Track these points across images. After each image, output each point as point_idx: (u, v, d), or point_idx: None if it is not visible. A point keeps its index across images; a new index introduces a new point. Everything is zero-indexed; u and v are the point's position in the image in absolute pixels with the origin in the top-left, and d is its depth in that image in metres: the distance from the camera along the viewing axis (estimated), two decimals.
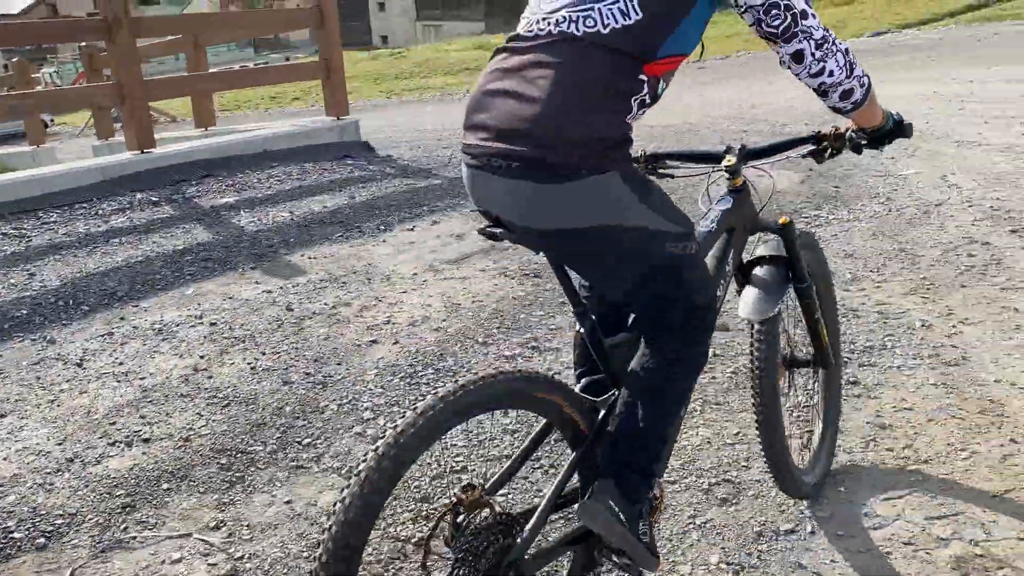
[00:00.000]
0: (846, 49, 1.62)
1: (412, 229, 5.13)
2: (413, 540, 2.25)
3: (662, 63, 1.53)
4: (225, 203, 5.77)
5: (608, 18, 1.48)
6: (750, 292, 2.07)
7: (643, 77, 1.51)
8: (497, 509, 1.54)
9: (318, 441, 2.86)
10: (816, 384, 2.51)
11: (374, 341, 3.59)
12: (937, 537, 2.20)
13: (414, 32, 49.88)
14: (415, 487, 2.55)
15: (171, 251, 4.86)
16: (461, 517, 1.50)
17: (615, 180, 1.50)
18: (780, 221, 2.11)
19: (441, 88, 23.57)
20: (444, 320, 3.78)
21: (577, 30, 1.50)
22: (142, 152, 6.40)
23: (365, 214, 5.45)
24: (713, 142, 7.42)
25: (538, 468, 2.59)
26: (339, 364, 3.39)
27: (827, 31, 1.58)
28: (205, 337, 3.71)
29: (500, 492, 1.63)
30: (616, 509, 1.62)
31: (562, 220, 1.51)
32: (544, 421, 1.67)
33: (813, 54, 1.57)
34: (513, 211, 1.56)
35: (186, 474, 2.70)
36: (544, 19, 1.55)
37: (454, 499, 1.50)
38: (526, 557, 1.58)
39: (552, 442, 2.24)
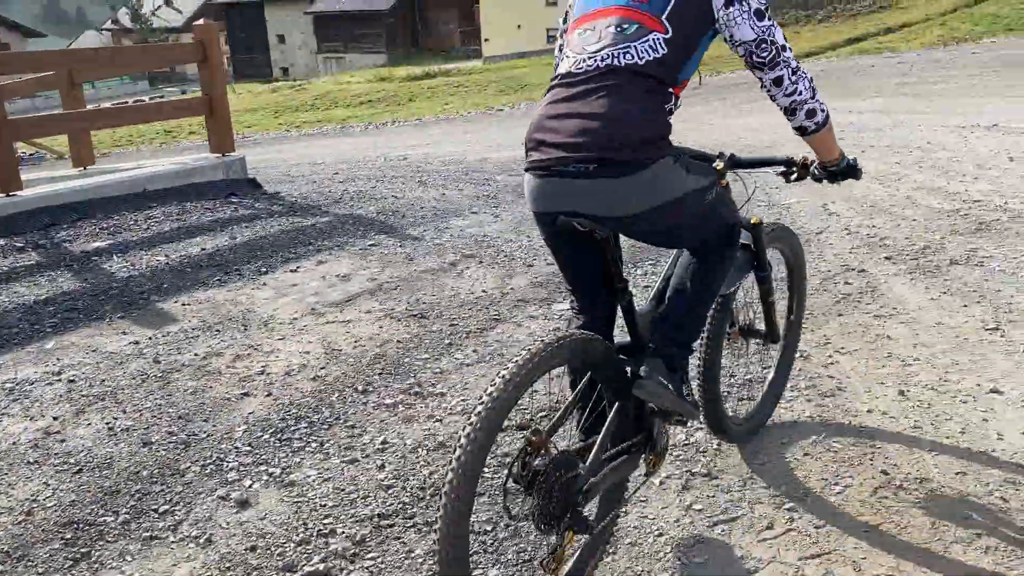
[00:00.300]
0: (811, 77, 2.08)
1: (295, 270, 4.94)
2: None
3: (680, 86, 2.03)
4: (97, 248, 5.45)
5: (643, 53, 1.96)
6: None
7: (670, 91, 2.00)
8: (555, 450, 1.85)
9: (176, 508, 2.65)
10: (767, 355, 3.01)
11: (245, 394, 3.39)
12: None
13: (315, 64, 49.40)
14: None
15: (32, 301, 4.53)
16: (531, 459, 1.79)
17: (669, 163, 1.96)
18: (752, 221, 2.51)
19: (342, 120, 23.32)
20: (323, 368, 3.62)
21: (620, 63, 1.96)
22: (7, 195, 6.01)
23: (246, 255, 5.23)
24: None
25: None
26: (205, 421, 3.18)
27: (798, 62, 2.05)
28: (61, 396, 3.44)
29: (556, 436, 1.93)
30: (665, 382, 2.09)
31: (644, 202, 1.95)
32: (590, 375, 2.01)
33: (790, 78, 2.03)
34: (599, 205, 1.94)
35: (24, 553, 2.45)
36: (591, 57, 1.99)
37: (524, 444, 1.79)
38: (591, 483, 1.92)
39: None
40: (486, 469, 2.40)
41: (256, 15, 54.82)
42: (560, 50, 2.17)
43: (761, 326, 2.78)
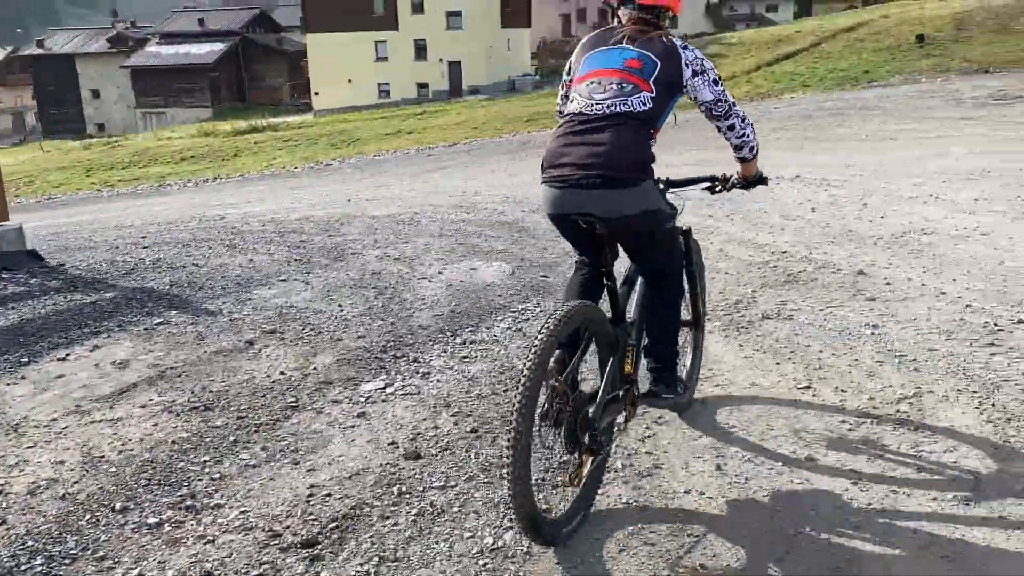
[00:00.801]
0: (751, 123, 2.91)
1: (64, 358, 4.30)
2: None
3: (659, 129, 2.73)
4: None
5: (636, 105, 2.64)
6: None
7: (652, 132, 2.69)
8: (571, 394, 2.43)
9: None
10: (692, 335, 3.51)
11: None
12: None
13: (134, 119, 46.80)
14: None
15: None
16: (556, 402, 2.37)
17: (651, 184, 2.66)
18: (684, 228, 3.21)
19: (161, 178, 22.02)
20: (77, 482, 3.06)
21: (619, 110, 2.63)
22: None
23: (7, 342, 4.52)
24: (431, 232, 7.24)
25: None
26: None
27: (744, 112, 2.86)
28: None
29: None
30: (670, 397, 2.99)
31: (629, 209, 2.60)
32: (589, 337, 2.61)
33: (740, 126, 2.84)
34: (601, 209, 2.60)
35: None
36: (598, 103, 2.66)
37: (549, 391, 2.35)
38: (598, 418, 2.57)
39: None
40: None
41: (67, 68, 51.54)
42: (567, 96, 2.91)
43: (688, 316, 3.37)
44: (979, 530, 2.52)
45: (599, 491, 2.76)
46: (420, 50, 46.26)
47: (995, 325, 4.16)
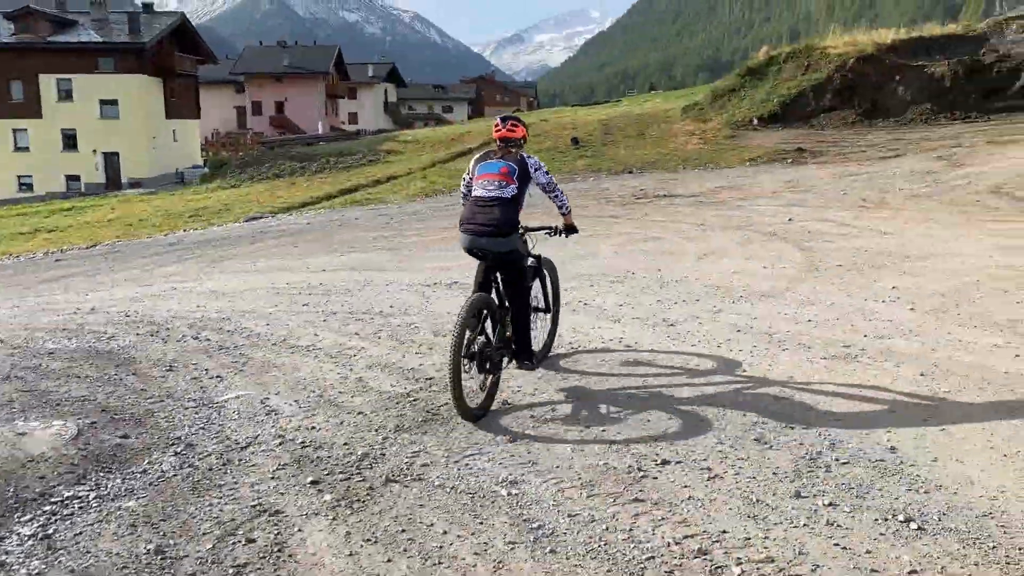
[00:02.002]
0: (565, 194, 5.11)
1: None
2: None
3: (520, 207, 4.87)
4: None
5: (508, 193, 4.75)
6: None
7: (518, 208, 4.83)
8: (482, 341, 4.59)
9: None
10: (544, 319, 5.50)
11: None
12: None
13: None
14: None
15: None
16: (473, 346, 4.50)
17: (516, 236, 4.80)
18: (536, 254, 5.29)
19: None
20: None
21: (499, 196, 4.75)
22: None
23: None
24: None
25: None
26: None
27: (561, 189, 5.05)
28: None
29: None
30: (531, 364, 4.97)
31: (505, 248, 4.73)
32: (487, 313, 4.68)
33: (561, 198, 5.02)
34: (490, 247, 4.72)
35: None
36: (488, 192, 4.76)
37: (468, 341, 4.44)
38: (496, 355, 4.68)
39: None
40: None
41: None
42: (469, 187, 4.98)
43: (541, 304, 5.43)
44: None
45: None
46: (70, 140, 41.64)
47: (638, 469, 3.68)
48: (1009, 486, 3.45)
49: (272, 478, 3.77)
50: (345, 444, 4.16)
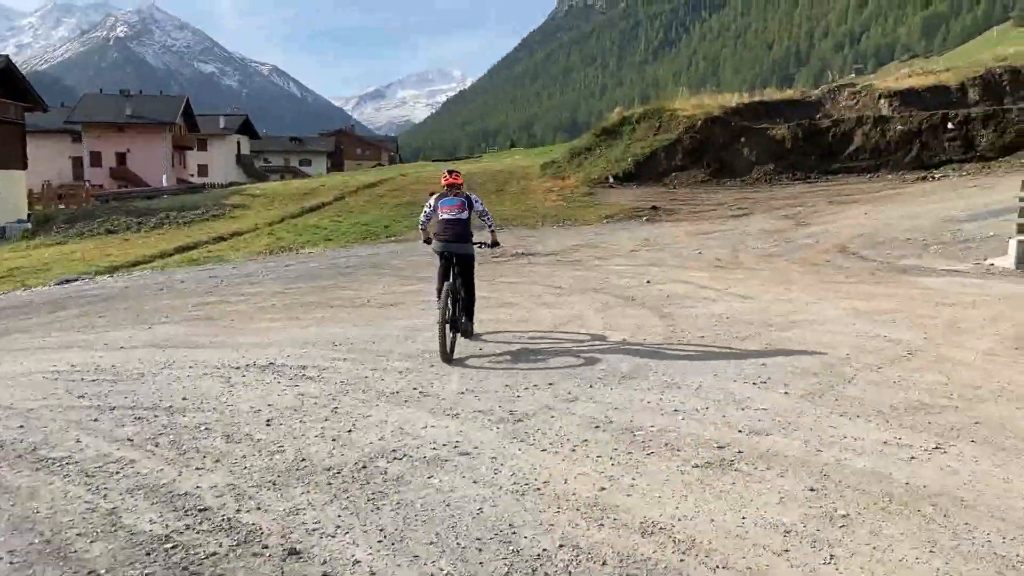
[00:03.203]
0: (491, 215, 8.52)
1: None
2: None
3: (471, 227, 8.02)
4: None
5: (464, 215, 7.73)
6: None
7: (469, 227, 7.84)
8: (450, 314, 7.49)
9: None
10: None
11: None
12: None
13: None
14: None
15: None
16: (448, 313, 7.39)
17: (471, 244, 7.81)
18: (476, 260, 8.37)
19: None
20: None
21: (459, 217, 7.71)
22: None
23: None
24: None
25: None
26: None
27: (489, 212, 8.34)
28: None
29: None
30: (470, 330, 7.95)
31: (465, 251, 7.70)
32: (452, 291, 7.49)
33: (489, 220, 8.17)
34: (455, 250, 7.62)
35: None
36: (451, 216, 7.70)
37: (444, 310, 7.28)
38: (459, 320, 7.66)
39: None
40: None
41: None
42: (429, 217, 7.94)
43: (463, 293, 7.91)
44: None
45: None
46: None
47: None
48: None
49: None
50: None
